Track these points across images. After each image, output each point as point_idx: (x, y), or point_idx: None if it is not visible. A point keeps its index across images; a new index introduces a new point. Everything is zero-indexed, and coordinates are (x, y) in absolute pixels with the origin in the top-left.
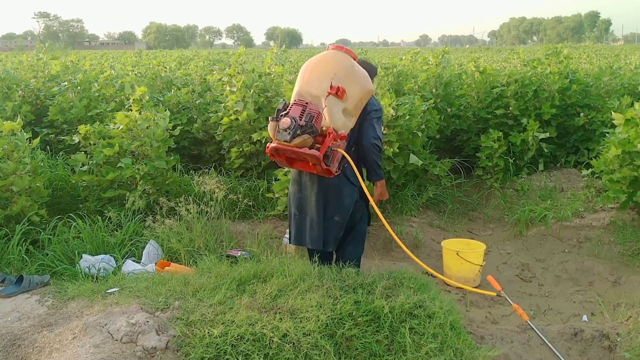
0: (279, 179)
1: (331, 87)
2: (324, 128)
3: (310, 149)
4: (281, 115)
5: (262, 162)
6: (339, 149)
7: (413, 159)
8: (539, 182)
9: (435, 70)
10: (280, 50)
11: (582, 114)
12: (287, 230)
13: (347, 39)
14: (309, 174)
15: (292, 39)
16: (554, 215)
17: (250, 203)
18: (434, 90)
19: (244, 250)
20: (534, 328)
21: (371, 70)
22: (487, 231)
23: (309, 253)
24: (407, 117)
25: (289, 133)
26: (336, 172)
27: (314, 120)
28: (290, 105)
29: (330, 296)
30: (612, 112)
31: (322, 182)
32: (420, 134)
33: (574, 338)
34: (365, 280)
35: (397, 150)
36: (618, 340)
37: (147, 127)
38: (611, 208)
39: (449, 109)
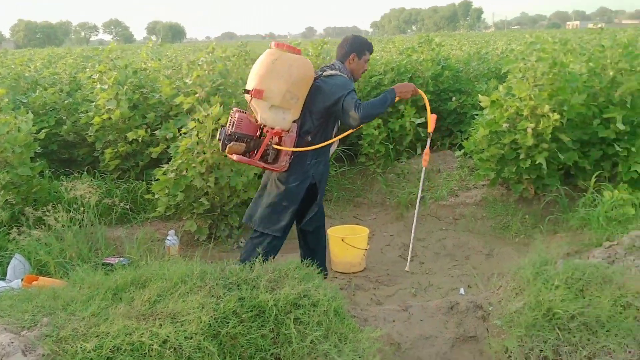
0: (157, 179)
1: (247, 91)
2: (265, 129)
3: (245, 155)
4: None
5: (139, 162)
6: (278, 147)
7: None
8: (417, 165)
9: (316, 61)
10: (156, 44)
11: (454, 98)
12: (170, 232)
13: (233, 32)
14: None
15: (175, 33)
16: (432, 195)
17: (128, 206)
18: None
19: (122, 257)
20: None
21: (352, 47)
22: (372, 215)
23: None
24: None
25: (221, 144)
26: (282, 167)
27: (235, 126)
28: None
29: (213, 296)
30: (480, 95)
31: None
32: None
33: (451, 311)
34: (249, 276)
35: None
36: (490, 309)
37: (7, 132)
38: (482, 185)
39: None
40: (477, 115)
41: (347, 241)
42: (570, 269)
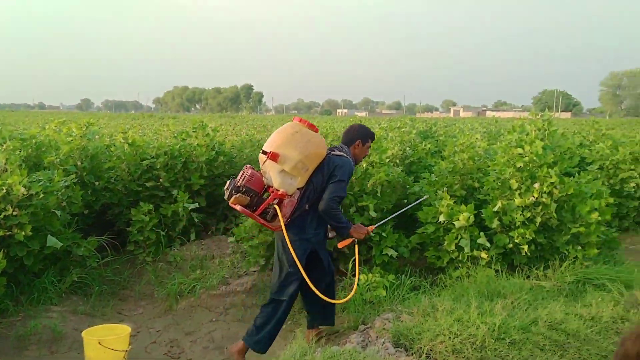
0: None
1: (264, 152)
2: (270, 189)
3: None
4: None
5: None
6: (276, 206)
7: (51, 240)
8: (190, 251)
9: (80, 142)
10: None
11: None
12: None
13: None
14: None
15: None
16: (202, 285)
17: None
18: (79, 163)
19: None
20: None
21: (358, 134)
22: (138, 310)
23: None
24: (42, 195)
25: (227, 193)
26: (277, 227)
27: (245, 181)
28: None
29: None
30: None
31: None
32: (59, 212)
33: None
34: None
35: (31, 233)
36: None
37: None
38: (254, 272)
39: (97, 183)
40: None
41: (104, 343)
42: (327, 357)
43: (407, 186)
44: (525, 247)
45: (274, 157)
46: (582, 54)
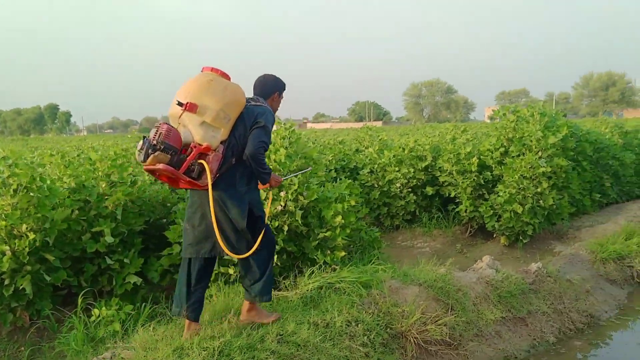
0: None
1: (180, 103)
2: (191, 145)
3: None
4: None
5: None
6: (202, 161)
7: None
8: None
9: None
10: None
11: None
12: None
13: None
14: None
15: None
16: None
17: None
18: None
19: None
20: None
21: (277, 85)
22: None
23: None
24: None
25: (142, 153)
26: (205, 185)
27: (163, 137)
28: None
29: None
30: None
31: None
32: None
33: None
34: None
35: None
36: None
37: None
38: None
39: None
40: None
41: None
42: None
43: (169, 204)
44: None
45: (192, 108)
46: (385, 65)
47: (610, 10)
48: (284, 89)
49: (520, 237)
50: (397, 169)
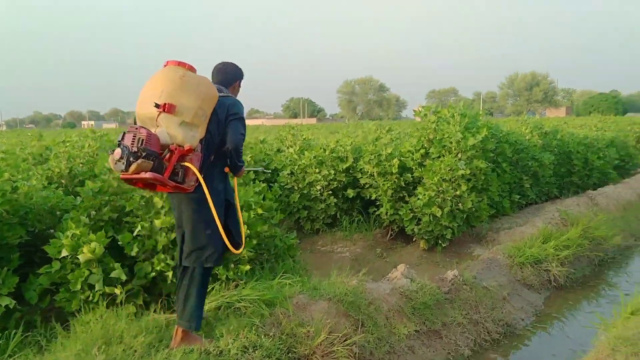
0: None
1: (157, 105)
2: (171, 147)
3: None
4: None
5: None
6: (187, 164)
7: None
8: None
9: None
10: None
11: None
12: None
13: None
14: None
15: None
16: None
17: None
18: None
19: None
20: None
21: (237, 73)
22: None
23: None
24: None
25: (123, 162)
26: (190, 187)
27: (144, 143)
28: (123, 134)
29: None
30: None
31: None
32: None
33: None
34: None
35: None
36: None
37: None
38: None
39: None
40: None
41: None
42: None
43: (59, 211)
44: (170, 274)
45: (170, 109)
46: (320, 62)
47: (535, 15)
48: (243, 77)
49: (440, 241)
50: (317, 170)
